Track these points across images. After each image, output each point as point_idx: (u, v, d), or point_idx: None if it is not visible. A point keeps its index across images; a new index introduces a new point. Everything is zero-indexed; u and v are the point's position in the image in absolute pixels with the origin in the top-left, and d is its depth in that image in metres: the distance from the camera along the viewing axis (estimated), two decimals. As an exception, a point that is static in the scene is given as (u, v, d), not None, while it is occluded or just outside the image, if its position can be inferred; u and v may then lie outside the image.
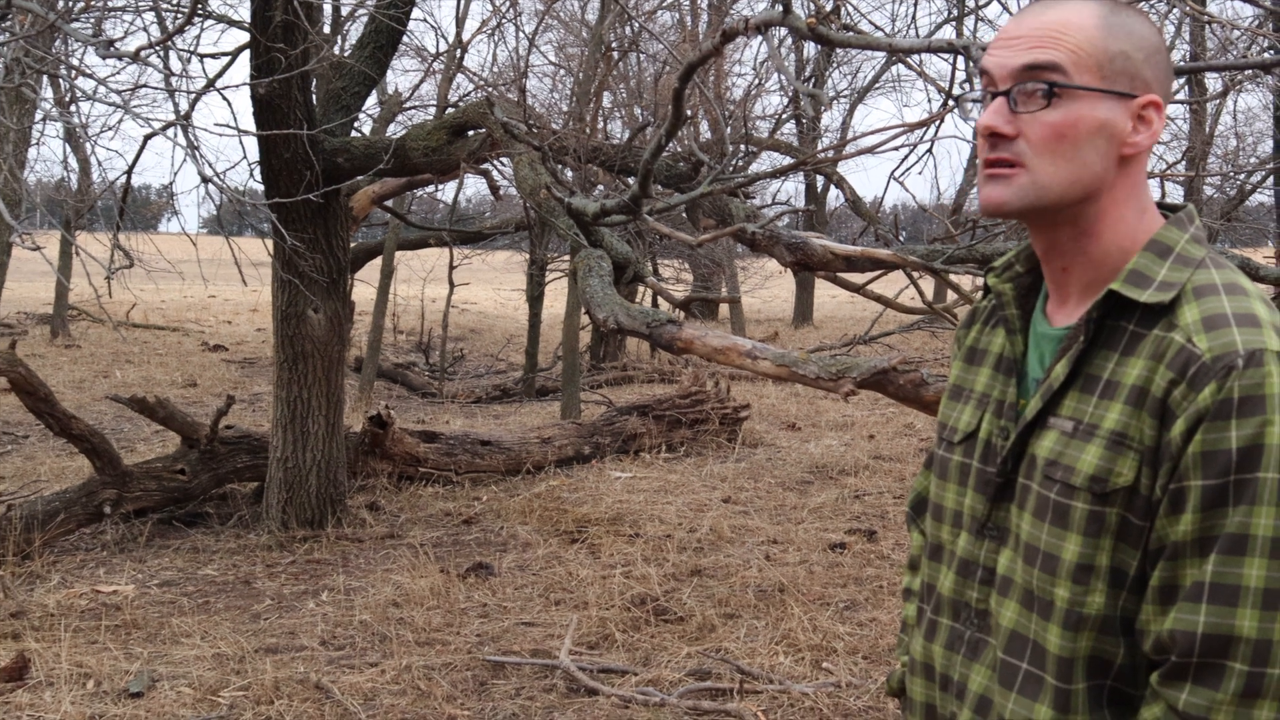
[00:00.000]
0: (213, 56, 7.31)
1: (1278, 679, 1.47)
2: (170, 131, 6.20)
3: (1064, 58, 1.64)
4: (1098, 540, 1.59)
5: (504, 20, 12.21)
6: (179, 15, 6.44)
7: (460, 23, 12.09)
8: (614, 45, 14.10)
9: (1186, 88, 15.08)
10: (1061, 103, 1.64)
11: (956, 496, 1.83)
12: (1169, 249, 1.65)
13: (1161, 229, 1.68)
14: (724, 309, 27.22)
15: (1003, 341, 1.84)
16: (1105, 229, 1.68)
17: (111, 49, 5.17)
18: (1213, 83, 15.64)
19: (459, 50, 11.57)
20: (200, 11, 6.86)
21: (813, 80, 25.21)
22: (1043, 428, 1.68)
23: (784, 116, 17.02)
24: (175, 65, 7.91)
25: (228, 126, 6.81)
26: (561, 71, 17.99)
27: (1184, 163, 13.12)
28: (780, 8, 3.03)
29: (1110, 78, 1.63)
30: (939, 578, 1.86)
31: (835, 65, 27.26)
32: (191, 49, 7.19)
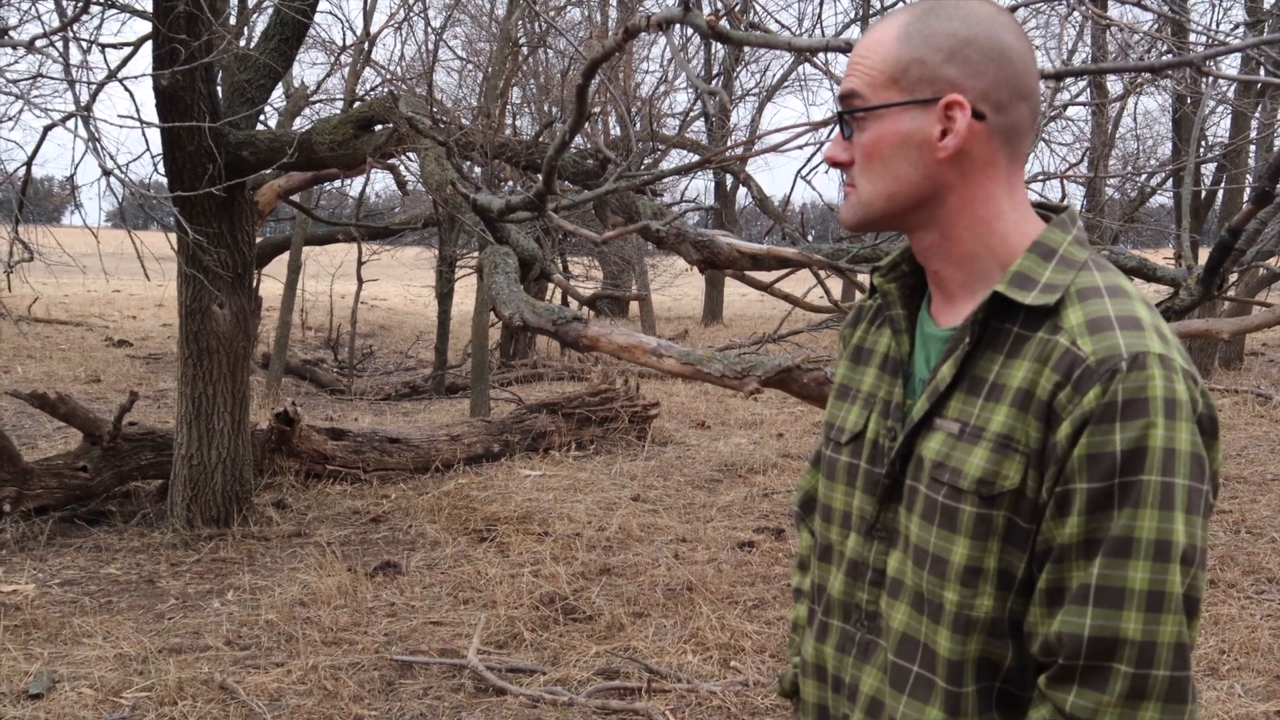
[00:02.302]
0: (114, 47, 7.20)
1: (1162, 680, 1.48)
2: (71, 123, 6.10)
3: (860, 82, 1.68)
4: (985, 543, 1.59)
5: (412, 14, 12.14)
6: (78, 3, 6.33)
7: (368, 16, 12.00)
8: (522, 41, 14.06)
9: (1087, 90, 15.32)
10: (869, 123, 1.68)
11: (845, 497, 1.83)
12: (1052, 251, 1.65)
13: (1044, 231, 1.68)
14: (634, 307, 27.25)
15: (889, 341, 1.84)
16: (962, 231, 1.69)
17: (5, 37, 5.07)
18: (1114, 85, 15.90)
19: (366, 44, 11.50)
20: (98, 0, 6.75)
21: (720, 78, 25.31)
22: (929, 429, 1.68)
23: (692, 114, 17.09)
24: (75, 55, 7.77)
25: (130, 118, 6.72)
26: (470, 66, 17.92)
27: (1085, 164, 13.32)
28: (681, 6, 3.04)
29: (909, 88, 1.65)
30: (829, 579, 1.85)
31: (744, 64, 27.36)
32: (92, 39, 7.08)
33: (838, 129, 1.75)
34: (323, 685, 5.44)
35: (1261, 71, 7.77)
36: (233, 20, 8.94)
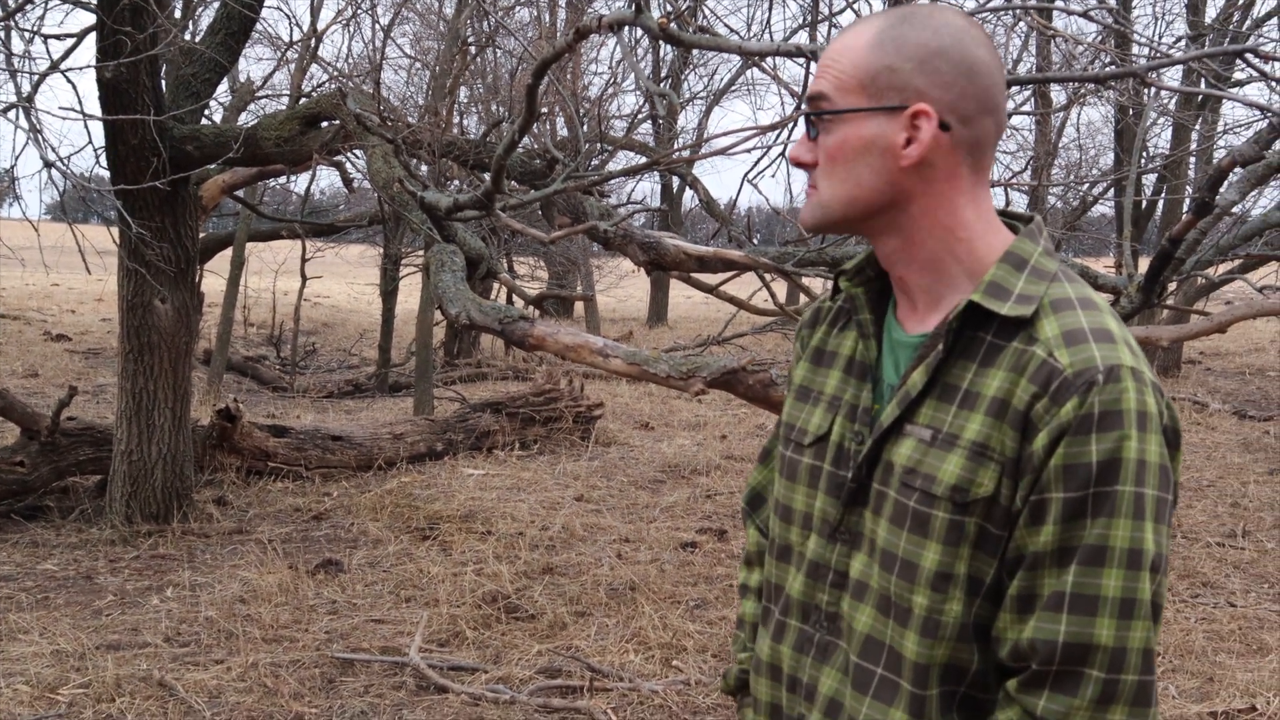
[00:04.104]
0: (57, 38, 7.13)
1: (1131, 684, 1.50)
2: (12, 113, 6.04)
3: (829, 85, 1.69)
4: (957, 549, 1.60)
5: (360, 11, 12.09)
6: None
7: (315, 12, 11.90)
8: (471, 40, 14.03)
9: (1032, 100, 15.46)
10: (834, 126, 1.69)
11: (806, 499, 1.83)
12: (1024, 261, 1.67)
13: (1015, 242, 1.69)
14: (579, 307, 27.24)
15: (854, 344, 1.84)
16: (925, 237, 1.70)
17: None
18: (1057, 95, 16.05)
19: (313, 40, 11.42)
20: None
21: (669, 81, 25.34)
22: (899, 435, 1.68)
23: (640, 116, 17.10)
24: (18, 45, 7.69)
25: (73, 110, 6.65)
26: (418, 65, 17.87)
27: (1029, 172, 13.44)
28: (633, 7, 3.04)
29: (877, 94, 1.66)
30: (787, 579, 1.86)
31: (692, 67, 27.41)
32: (35, 29, 7.00)
33: (803, 129, 1.75)
34: (263, 683, 5.41)
35: (1202, 84, 7.87)
36: (178, 13, 8.87)
